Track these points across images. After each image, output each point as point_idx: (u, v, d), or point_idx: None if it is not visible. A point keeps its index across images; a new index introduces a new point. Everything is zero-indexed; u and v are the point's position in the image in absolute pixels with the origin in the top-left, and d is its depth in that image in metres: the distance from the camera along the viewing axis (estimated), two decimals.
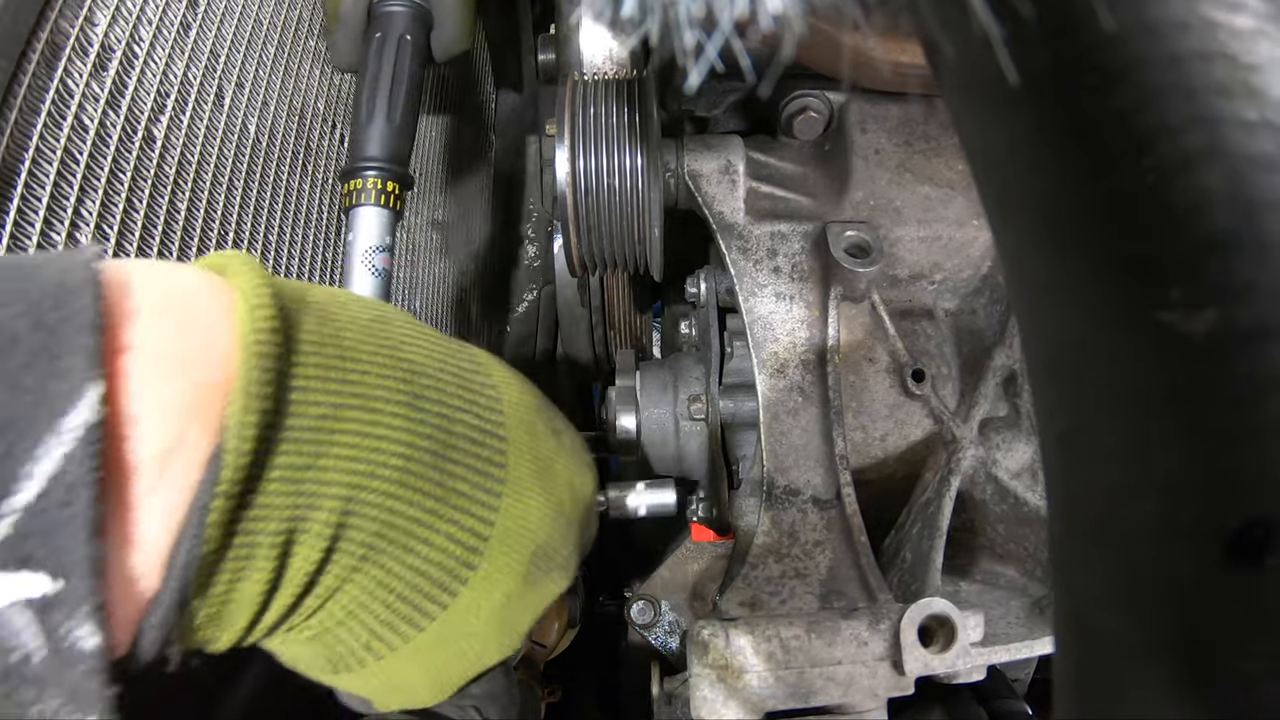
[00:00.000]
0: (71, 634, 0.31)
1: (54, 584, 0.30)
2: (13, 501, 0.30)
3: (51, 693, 0.31)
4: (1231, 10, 0.22)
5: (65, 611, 0.30)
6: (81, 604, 0.31)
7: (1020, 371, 0.74)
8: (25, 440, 0.30)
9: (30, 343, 0.30)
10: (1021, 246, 0.25)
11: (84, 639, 0.31)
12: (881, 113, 0.79)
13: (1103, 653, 0.21)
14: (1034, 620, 0.66)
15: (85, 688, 0.31)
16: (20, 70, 0.57)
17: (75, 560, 0.30)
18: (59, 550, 0.30)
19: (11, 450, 0.30)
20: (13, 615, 0.30)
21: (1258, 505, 0.18)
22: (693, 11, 0.26)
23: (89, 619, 0.31)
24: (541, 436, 0.50)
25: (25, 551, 0.30)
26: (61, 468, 0.30)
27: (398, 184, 0.82)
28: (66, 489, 0.30)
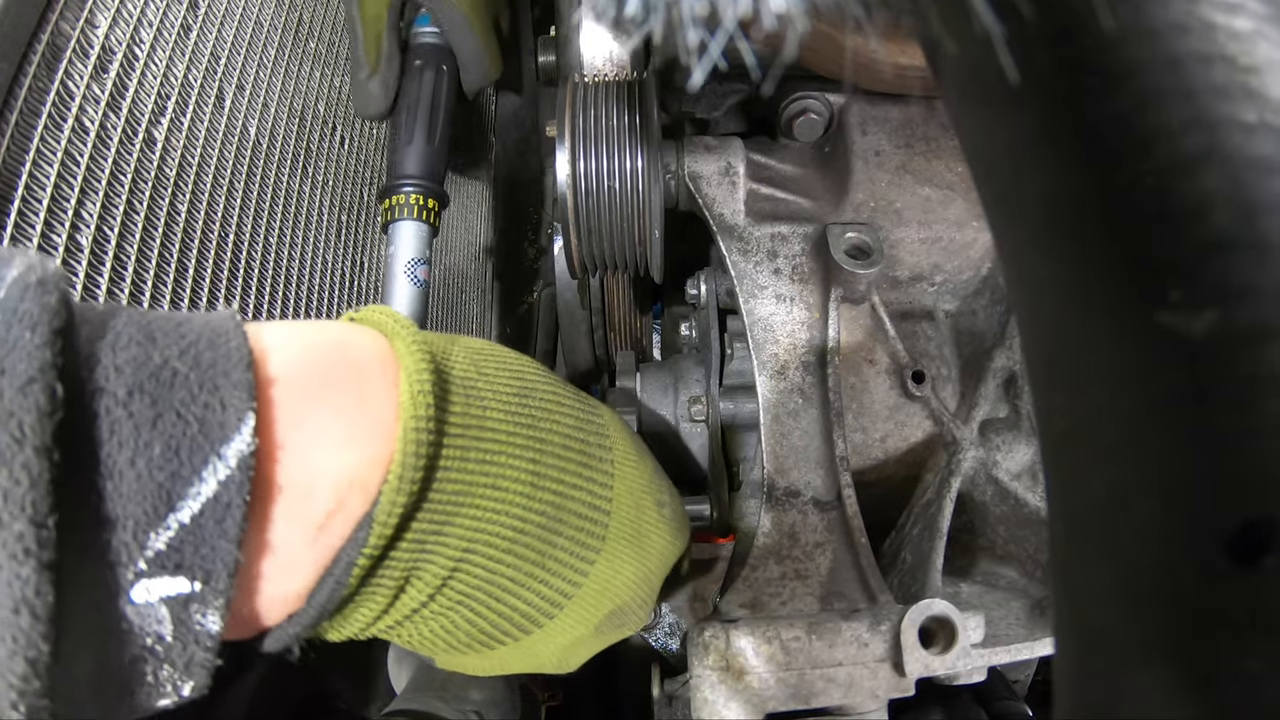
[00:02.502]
0: (201, 623, 0.35)
1: (195, 585, 0.34)
2: (174, 518, 0.33)
3: (169, 663, 0.35)
4: (1230, 12, 0.22)
5: (201, 606, 0.35)
6: (216, 599, 0.35)
7: (1020, 373, 0.74)
8: (188, 466, 0.34)
9: (191, 378, 0.35)
10: (1022, 248, 0.25)
11: (209, 625, 0.35)
12: (882, 114, 0.79)
13: (1103, 652, 0.21)
14: (1034, 621, 0.66)
15: (198, 659, 0.36)
16: (21, 72, 0.57)
17: (220, 568, 0.34)
18: (207, 559, 0.34)
19: (177, 473, 0.33)
20: (155, 609, 0.34)
21: (1257, 505, 0.18)
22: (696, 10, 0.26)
23: (217, 611, 0.35)
24: (645, 509, 0.56)
25: (178, 560, 0.34)
26: (219, 492, 0.34)
27: (436, 201, 0.85)
28: (222, 509, 0.34)
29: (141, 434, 0.33)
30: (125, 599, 0.33)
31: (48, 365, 0.30)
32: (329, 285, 0.96)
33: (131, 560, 0.33)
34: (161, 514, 0.33)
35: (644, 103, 0.73)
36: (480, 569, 0.46)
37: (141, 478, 0.33)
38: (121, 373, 0.33)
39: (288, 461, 0.37)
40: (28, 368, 0.30)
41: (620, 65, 0.85)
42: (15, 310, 0.31)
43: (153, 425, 0.33)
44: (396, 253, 0.84)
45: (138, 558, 0.33)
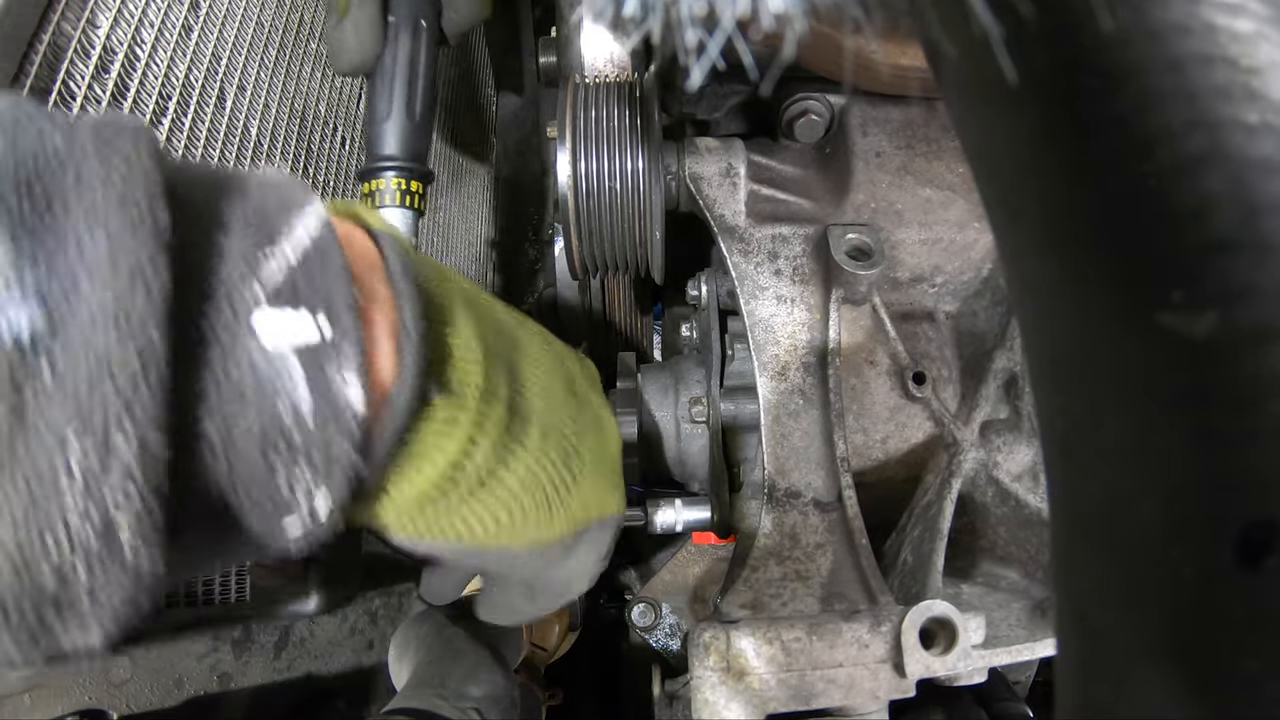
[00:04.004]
0: (341, 385, 0.33)
1: (322, 324, 0.32)
2: (279, 251, 0.33)
3: (305, 457, 0.32)
4: (1232, 13, 0.22)
5: (336, 362, 0.33)
6: (351, 349, 0.33)
7: (1021, 374, 0.74)
8: (280, 219, 0.34)
9: (259, 176, 0.35)
10: (1023, 249, 0.25)
11: (351, 390, 0.33)
12: (882, 115, 0.79)
13: (1104, 653, 0.21)
14: (1035, 622, 0.66)
15: (338, 451, 0.33)
16: (22, 72, 0.57)
17: (342, 306, 0.33)
18: (325, 292, 0.33)
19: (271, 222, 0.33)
20: (288, 362, 0.32)
21: (1258, 507, 0.18)
22: (694, 10, 0.26)
23: (356, 369, 0.33)
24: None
25: (296, 291, 0.32)
26: (315, 239, 0.34)
27: (419, 182, 0.78)
28: (320, 252, 0.34)
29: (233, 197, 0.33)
30: (250, 332, 0.31)
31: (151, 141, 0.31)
32: None
33: (246, 279, 0.31)
34: (267, 247, 0.33)
35: (645, 104, 0.73)
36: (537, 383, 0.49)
37: (240, 222, 0.33)
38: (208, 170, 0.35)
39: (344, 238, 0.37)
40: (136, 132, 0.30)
41: (621, 66, 0.85)
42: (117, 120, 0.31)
43: (242, 195, 0.34)
44: None
45: (253, 281, 0.32)
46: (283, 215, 0.34)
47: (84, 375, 0.26)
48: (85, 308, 0.27)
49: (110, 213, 0.28)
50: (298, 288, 0.32)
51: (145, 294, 0.27)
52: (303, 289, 0.32)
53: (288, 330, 0.31)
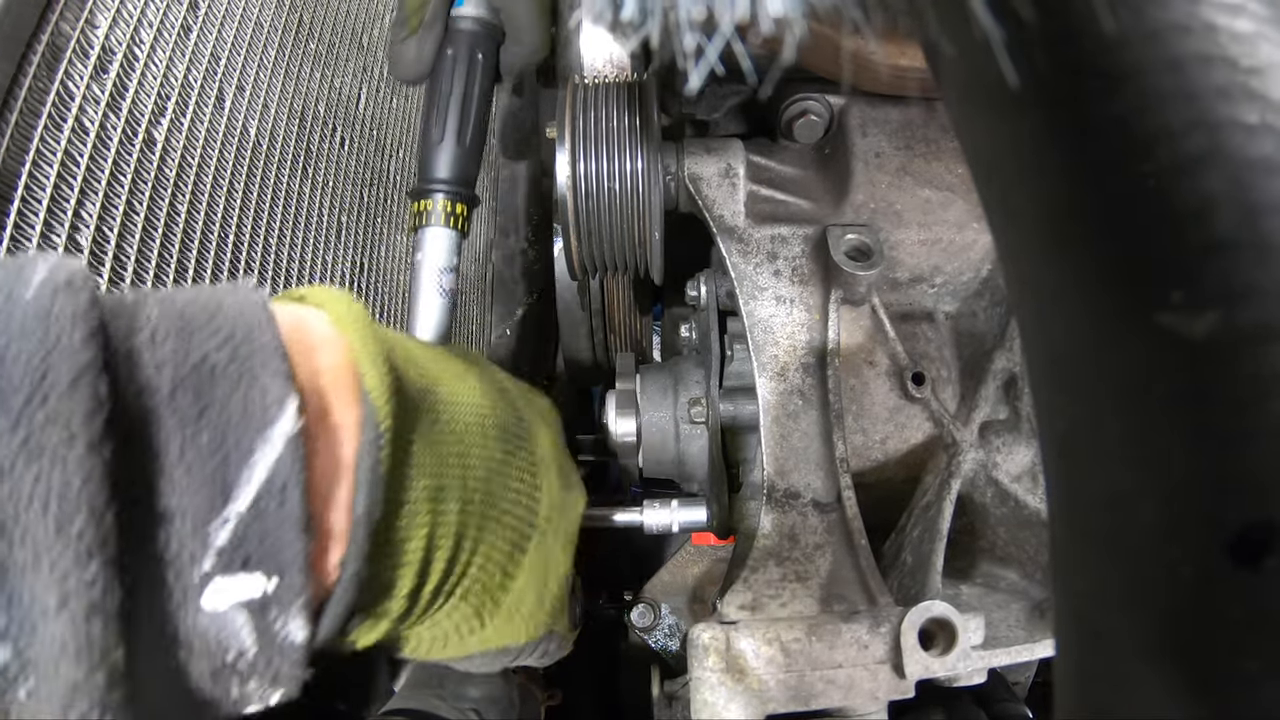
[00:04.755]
0: (284, 629, 0.34)
1: (270, 582, 0.33)
2: (232, 507, 0.33)
3: (255, 676, 0.34)
4: (1232, 13, 0.22)
5: (279, 609, 0.34)
6: (295, 599, 0.34)
7: (1020, 374, 0.74)
8: (237, 453, 0.33)
9: (231, 370, 0.35)
10: (1022, 249, 0.25)
11: (294, 633, 0.34)
12: (882, 116, 0.79)
13: (1103, 654, 0.21)
14: (1034, 623, 0.65)
15: (286, 671, 0.35)
16: (21, 72, 0.57)
17: (290, 557, 0.34)
18: (275, 549, 0.33)
19: (227, 460, 0.33)
20: (233, 617, 0.33)
21: (1258, 507, 0.18)
22: (693, 14, 0.26)
23: (300, 613, 0.34)
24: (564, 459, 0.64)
25: (245, 553, 0.33)
26: (272, 474, 0.34)
27: (465, 205, 0.83)
28: (278, 492, 0.34)
29: (188, 427, 0.33)
30: (197, 606, 0.33)
31: (90, 363, 0.30)
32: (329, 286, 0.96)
33: (195, 559, 0.32)
34: (219, 504, 0.33)
35: (644, 104, 0.73)
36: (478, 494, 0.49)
37: (193, 469, 0.33)
38: (162, 369, 0.33)
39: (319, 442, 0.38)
40: (71, 367, 0.30)
41: (620, 67, 0.85)
42: (50, 312, 0.31)
43: (198, 419, 0.33)
44: (424, 261, 0.82)
45: (202, 556, 0.32)
46: (242, 448, 0.34)
47: (58, 699, 0.29)
48: (48, 644, 0.29)
49: (52, 546, 0.29)
50: (248, 551, 0.33)
51: (102, 625, 0.29)
52: (253, 551, 0.33)
53: (233, 592, 0.33)
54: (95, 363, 0.31)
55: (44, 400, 0.29)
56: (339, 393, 0.40)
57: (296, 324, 0.41)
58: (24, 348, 0.30)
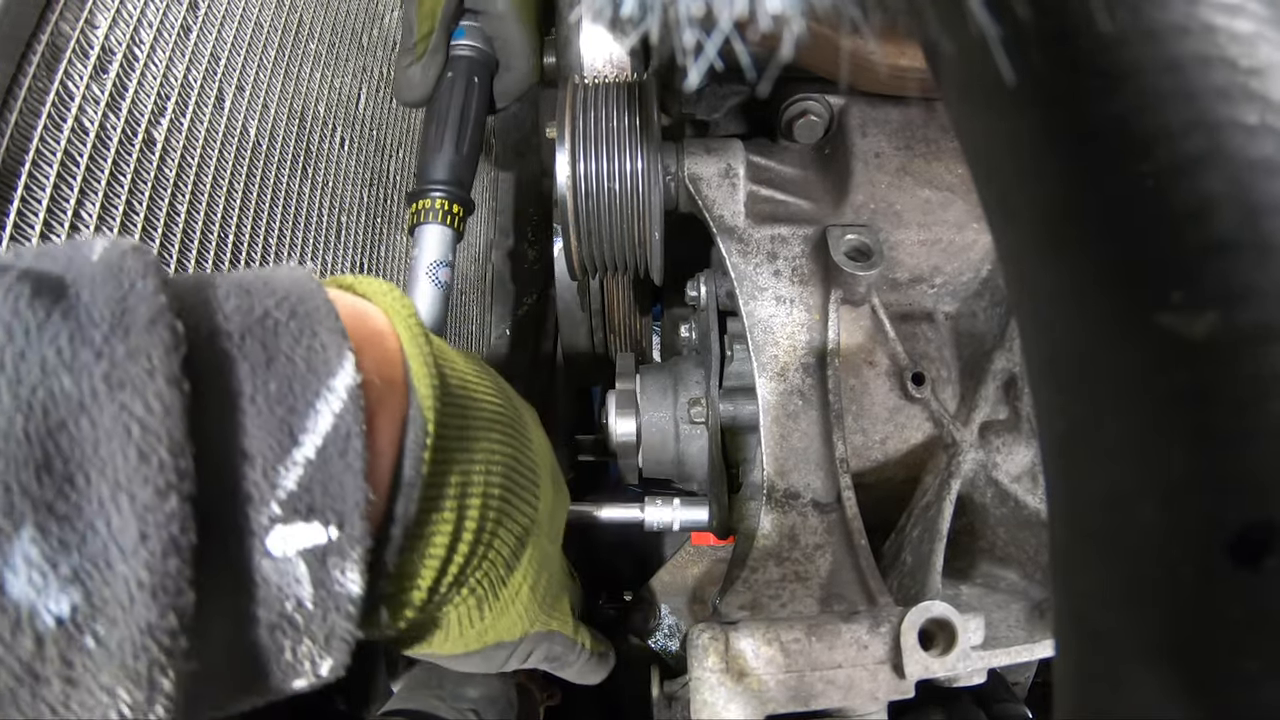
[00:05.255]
0: (341, 580, 0.35)
1: (330, 530, 0.34)
2: (298, 454, 0.34)
3: (308, 636, 0.35)
4: (1231, 14, 0.22)
5: (338, 559, 0.34)
6: (354, 549, 0.35)
7: (1020, 375, 0.74)
8: (303, 400, 0.34)
9: (291, 326, 0.36)
10: (1022, 250, 0.25)
11: (351, 584, 0.35)
12: (882, 116, 0.79)
13: (1103, 654, 0.21)
14: (1034, 623, 0.65)
15: (339, 631, 0.35)
16: (20, 72, 0.57)
17: (350, 507, 0.34)
18: (337, 498, 0.34)
19: (294, 407, 0.34)
20: (295, 564, 0.33)
21: (1258, 507, 0.18)
22: (692, 10, 0.26)
23: (356, 565, 0.35)
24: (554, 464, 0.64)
25: (310, 500, 0.34)
26: (336, 422, 0.35)
27: (461, 206, 0.87)
28: (343, 439, 0.35)
29: (257, 373, 0.34)
30: (262, 550, 0.33)
31: (165, 306, 0.31)
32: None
33: (265, 502, 0.33)
34: (287, 448, 0.33)
35: (644, 104, 0.73)
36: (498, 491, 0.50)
37: (263, 414, 0.33)
38: (230, 319, 0.34)
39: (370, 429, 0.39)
40: (149, 308, 0.30)
41: (620, 66, 0.85)
42: (122, 266, 0.32)
43: (266, 366, 0.34)
44: (420, 255, 0.87)
45: (270, 499, 0.33)
46: (307, 396, 0.34)
47: (129, 645, 0.29)
48: (123, 584, 0.28)
49: (133, 479, 0.29)
50: (313, 498, 0.34)
51: (178, 563, 0.29)
52: (317, 499, 0.34)
53: (297, 539, 0.34)
54: (170, 306, 0.31)
55: (125, 334, 0.30)
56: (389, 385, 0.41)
57: (353, 307, 0.43)
58: (101, 291, 0.31)
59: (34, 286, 0.30)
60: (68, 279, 0.31)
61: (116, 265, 0.32)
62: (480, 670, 0.62)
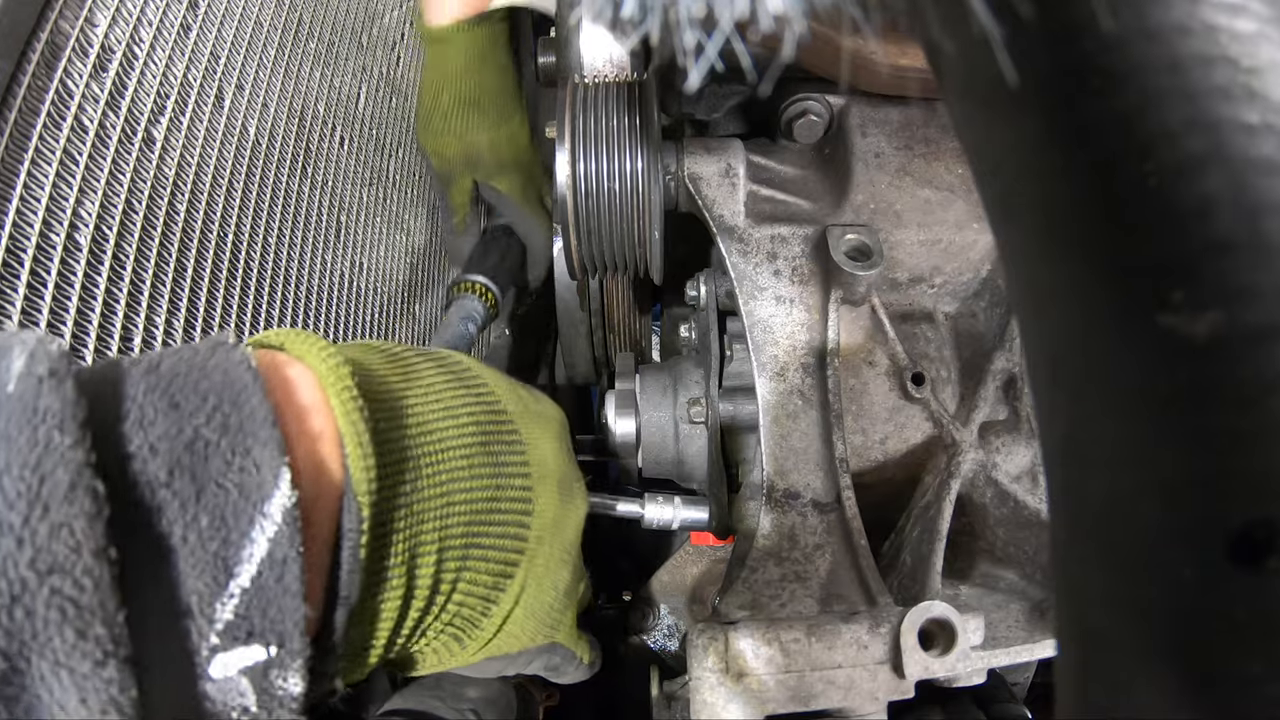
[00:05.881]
0: (283, 685, 0.35)
1: (271, 650, 0.34)
2: (234, 585, 0.34)
3: None
4: (1232, 14, 0.22)
5: (279, 670, 0.35)
6: (294, 660, 0.35)
7: (1020, 375, 0.74)
8: (236, 531, 0.34)
9: (223, 445, 0.35)
10: (1023, 249, 0.25)
11: (293, 687, 0.36)
12: (882, 116, 0.79)
13: (1105, 654, 0.21)
14: (1034, 623, 0.65)
15: None
16: (20, 71, 0.57)
17: (290, 626, 0.35)
18: (275, 620, 0.34)
19: (228, 539, 0.34)
20: (237, 681, 0.34)
21: (1259, 507, 0.18)
22: (693, 11, 0.26)
23: (298, 673, 0.35)
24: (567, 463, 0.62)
25: (249, 626, 0.34)
26: (271, 548, 0.34)
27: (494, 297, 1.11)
28: (279, 565, 0.34)
29: (188, 510, 0.33)
30: (204, 678, 0.34)
31: (84, 465, 0.30)
32: (328, 285, 0.96)
33: (203, 637, 0.33)
34: (222, 583, 0.34)
35: (644, 104, 0.73)
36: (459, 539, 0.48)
37: (195, 553, 0.33)
38: (157, 452, 0.34)
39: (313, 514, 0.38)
40: (66, 473, 0.30)
41: (620, 66, 0.85)
42: (35, 409, 0.30)
43: (196, 500, 0.34)
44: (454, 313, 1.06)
45: (209, 633, 0.33)
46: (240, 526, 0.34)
47: None
48: None
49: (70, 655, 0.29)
50: (252, 624, 0.34)
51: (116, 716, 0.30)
52: (256, 624, 0.34)
53: (238, 660, 0.34)
54: (89, 462, 0.30)
55: (45, 511, 0.29)
56: (328, 462, 0.40)
57: (283, 384, 0.41)
58: (15, 454, 0.30)
59: None
60: None
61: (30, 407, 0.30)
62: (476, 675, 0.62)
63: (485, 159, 1.09)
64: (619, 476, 0.89)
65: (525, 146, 1.13)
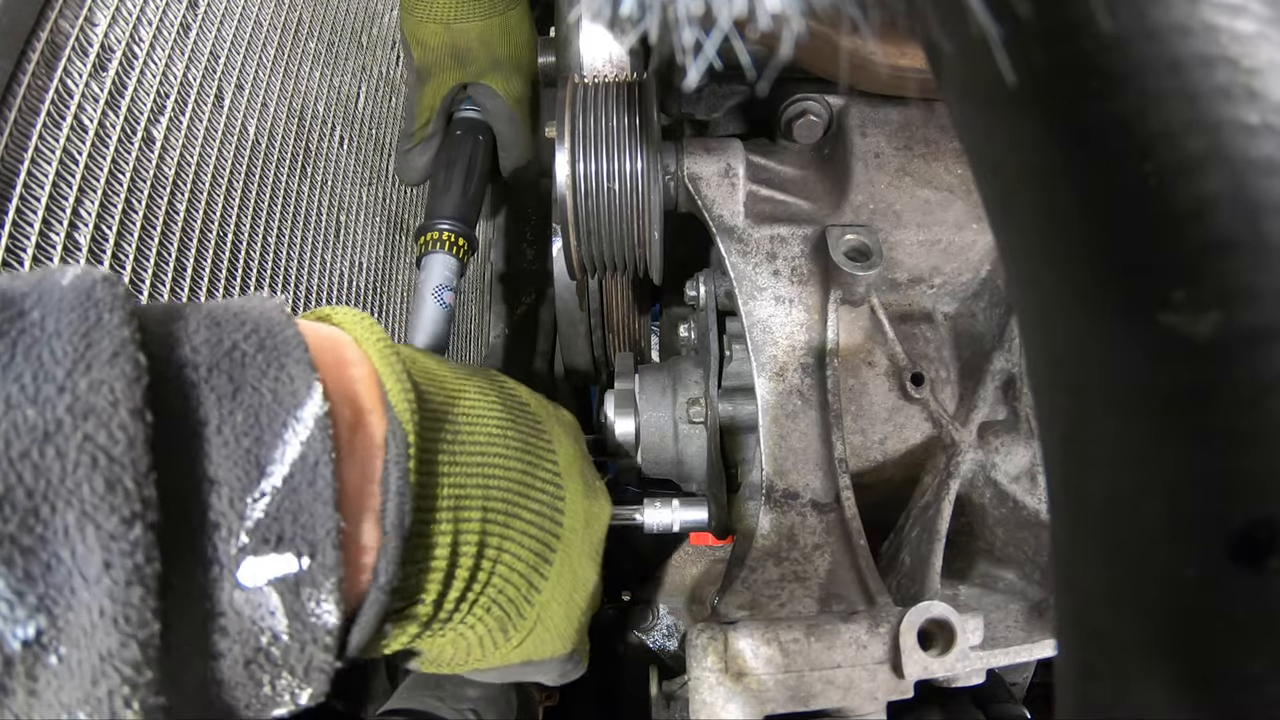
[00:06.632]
0: (316, 610, 0.35)
1: (303, 560, 0.34)
2: (265, 484, 0.34)
3: (286, 669, 0.35)
4: (1233, 14, 0.22)
5: (311, 589, 0.34)
6: (327, 579, 0.35)
7: (1019, 375, 0.74)
8: (270, 431, 0.35)
9: (259, 359, 0.36)
10: (1024, 250, 0.25)
11: (326, 615, 0.35)
12: (881, 116, 0.79)
13: (1105, 654, 0.21)
14: (1033, 623, 0.65)
15: (317, 662, 0.36)
16: (20, 70, 0.57)
17: (322, 535, 0.34)
18: (307, 527, 0.34)
19: (260, 438, 0.34)
20: (267, 595, 0.34)
21: (1260, 507, 0.18)
22: (691, 9, 0.26)
23: (331, 594, 0.35)
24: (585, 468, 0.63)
25: (280, 529, 0.34)
26: (304, 451, 0.35)
27: (466, 241, 0.95)
28: (310, 469, 0.35)
29: (223, 405, 0.34)
30: (233, 582, 0.33)
31: (129, 339, 0.31)
32: (327, 284, 0.96)
33: (233, 532, 0.33)
34: (254, 478, 0.34)
35: (644, 104, 0.73)
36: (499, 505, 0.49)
37: (229, 444, 0.34)
38: (198, 352, 0.35)
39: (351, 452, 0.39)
40: (112, 341, 0.31)
41: (620, 66, 0.85)
42: (89, 295, 0.32)
43: (232, 397, 0.34)
44: (427, 279, 0.93)
45: (238, 529, 0.33)
46: (274, 427, 0.35)
47: (89, 669, 0.29)
48: (85, 612, 0.29)
49: (99, 508, 0.29)
50: (282, 527, 0.34)
51: (141, 592, 0.29)
52: (286, 528, 0.34)
53: (268, 568, 0.34)
54: (134, 339, 0.32)
55: (88, 368, 0.30)
56: (368, 406, 0.41)
57: (325, 338, 0.43)
58: (66, 321, 0.31)
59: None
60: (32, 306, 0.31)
61: (84, 294, 0.32)
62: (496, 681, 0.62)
63: (475, 53, 0.95)
64: (618, 476, 0.89)
65: (523, 44, 0.98)
